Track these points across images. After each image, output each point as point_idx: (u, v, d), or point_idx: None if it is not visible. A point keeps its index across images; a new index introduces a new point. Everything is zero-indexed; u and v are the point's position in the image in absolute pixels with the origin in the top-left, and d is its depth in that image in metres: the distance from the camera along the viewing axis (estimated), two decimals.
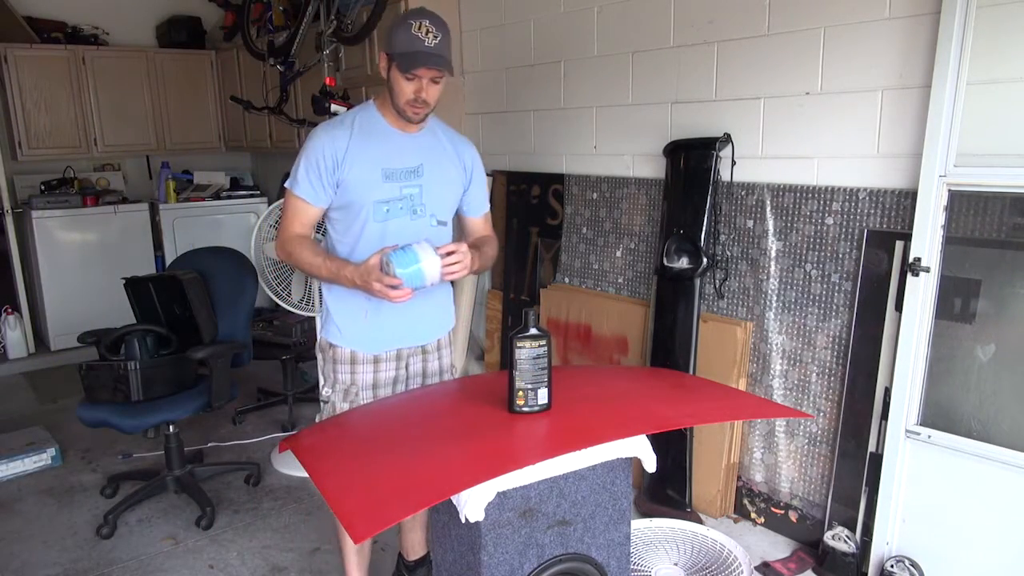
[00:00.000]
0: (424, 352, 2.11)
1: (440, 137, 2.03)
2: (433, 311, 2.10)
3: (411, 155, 1.94)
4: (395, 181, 1.92)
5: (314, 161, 1.89)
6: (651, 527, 2.48)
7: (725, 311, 2.80)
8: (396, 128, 1.95)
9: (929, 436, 2.21)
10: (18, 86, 4.83)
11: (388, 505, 1.29)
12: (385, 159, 1.91)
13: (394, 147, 1.93)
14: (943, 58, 2.06)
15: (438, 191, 1.99)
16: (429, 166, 1.96)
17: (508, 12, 3.55)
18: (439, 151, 2.00)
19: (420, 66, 1.79)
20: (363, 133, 1.92)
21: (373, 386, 2.04)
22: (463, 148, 2.07)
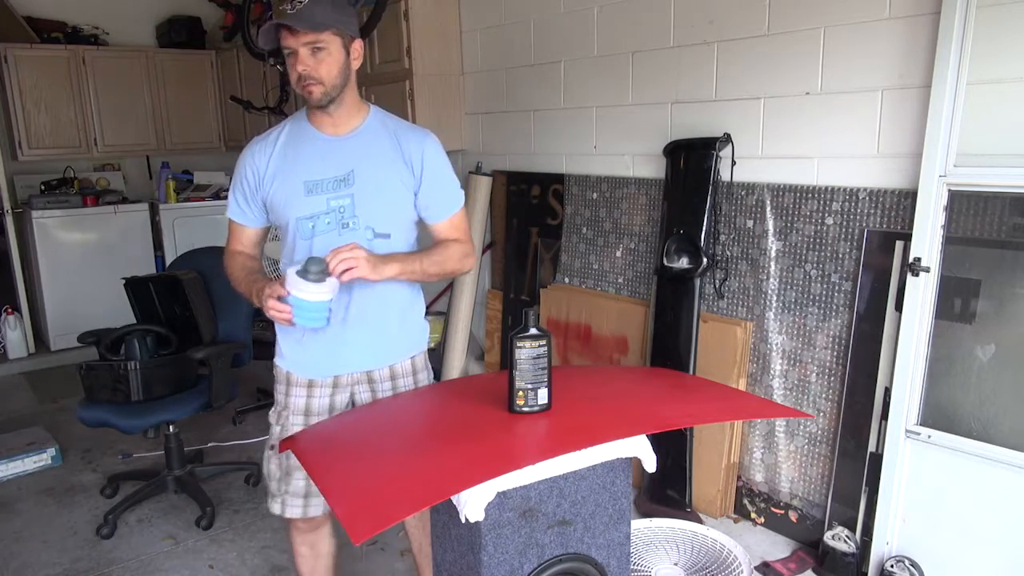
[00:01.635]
0: (371, 380, 1.87)
1: (380, 135, 1.79)
2: (380, 334, 1.84)
3: (340, 162, 1.74)
4: (320, 193, 1.73)
5: (239, 180, 1.80)
6: (651, 527, 2.48)
7: (725, 311, 2.80)
8: (325, 133, 1.77)
9: (929, 436, 2.21)
10: (18, 86, 4.83)
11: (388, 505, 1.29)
12: (308, 170, 1.74)
13: (320, 155, 1.75)
14: (943, 58, 2.06)
15: (374, 199, 1.76)
16: (361, 172, 1.74)
17: (508, 12, 3.55)
18: (375, 152, 1.77)
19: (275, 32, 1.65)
20: (289, 144, 1.77)
21: (305, 412, 1.86)
22: (411, 143, 1.79)
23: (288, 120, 1.83)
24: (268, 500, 1.91)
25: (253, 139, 1.83)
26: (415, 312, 1.93)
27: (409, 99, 3.73)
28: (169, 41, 5.52)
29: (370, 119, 1.80)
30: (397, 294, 1.84)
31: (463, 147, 3.98)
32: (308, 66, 1.66)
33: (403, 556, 2.63)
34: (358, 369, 1.86)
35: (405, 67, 3.71)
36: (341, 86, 1.71)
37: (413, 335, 1.93)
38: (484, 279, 4.02)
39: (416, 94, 3.71)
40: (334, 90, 1.70)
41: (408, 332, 1.91)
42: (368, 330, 1.82)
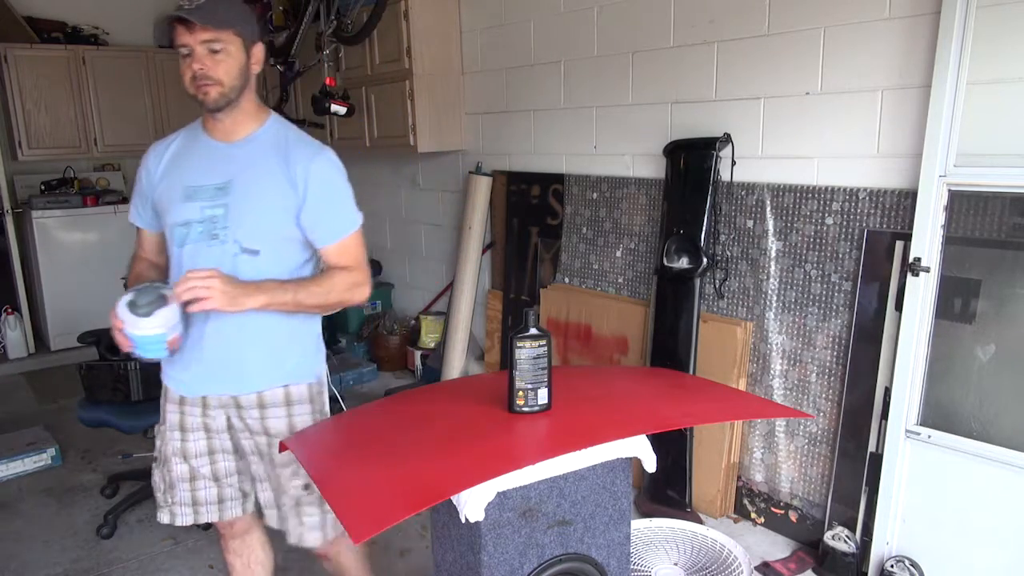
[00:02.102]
0: (238, 406, 1.73)
1: (269, 148, 1.67)
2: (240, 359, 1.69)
3: (221, 170, 1.65)
4: (196, 200, 1.64)
5: (137, 182, 1.76)
6: (651, 527, 2.48)
7: (725, 311, 2.80)
8: (215, 139, 1.68)
9: (929, 436, 2.21)
10: (18, 86, 4.83)
11: (388, 505, 1.29)
12: (190, 175, 1.66)
13: (205, 161, 1.67)
14: (943, 58, 2.06)
15: (246, 213, 1.63)
16: (240, 182, 1.63)
17: (508, 12, 3.55)
18: (259, 164, 1.65)
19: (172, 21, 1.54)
20: (181, 148, 1.72)
21: (180, 428, 1.76)
22: (299, 159, 1.65)
23: (188, 125, 1.77)
24: (157, 511, 1.86)
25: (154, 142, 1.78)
26: (294, 339, 1.75)
27: (409, 99, 3.73)
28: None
29: (264, 129, 1.69)
30: (263, 319, 1.66)
31: (463, 147, 3.98)
32: (205, 65, 1.56)
33: (403, 556, 2.63)
34: (222, 392, 1.73)
35: (405, 67, 3.71)
36: (239, 89, 1.62)
37: (288, 363, 1.74)
38: (484, 279, 4.02)
39: (416, 94, 3.71)
40: (232, 92, 1.60)
41: (280, 359, 1.73)
42: (227, 353, 1.69)
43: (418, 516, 2.74)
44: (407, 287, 4.79)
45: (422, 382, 4.28)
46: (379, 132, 4.02)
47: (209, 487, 1.81)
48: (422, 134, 3.78)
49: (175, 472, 1.79)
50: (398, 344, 4.55)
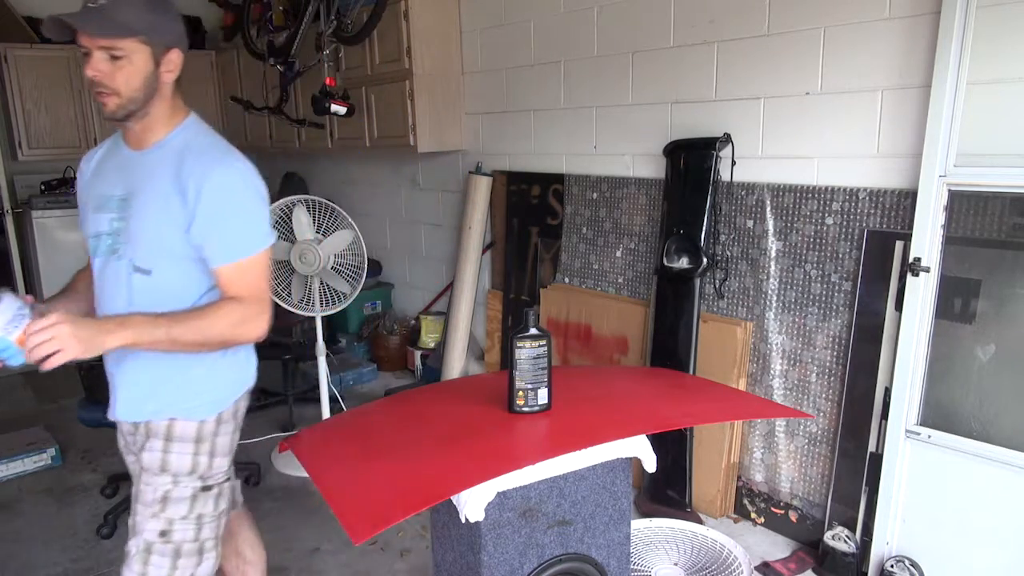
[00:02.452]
0: (136, 432, 1.61)
1: (169, 157, 1.51)
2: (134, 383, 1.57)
3: (125, 180, 1.54)
4: (106, 212, 1.55)
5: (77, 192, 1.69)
6: (651, 527, 2.48)
7: (725, 311, 2.79)
8: (128, 146, 1.58)
9: (929, 436, 2.21)
10: (18, 86, 4.83)
11: (388, 505, 1.29)
12: (104, 185, 1.58)
13: (116, 170, 1.58)
14: (943, 58, 2.06)
15: (140, 229, 1.50)
16: (138, 196, 1.50)
17: (508, 12, 3.55)
18: (157, 176, 1.50)
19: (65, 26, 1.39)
20: (105, 155, 1.65)
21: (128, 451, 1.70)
22: (193, 169, 1.47)
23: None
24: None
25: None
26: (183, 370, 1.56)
27: (409, 99, 3.73)
28: None
29: (171, 136, 1.54)
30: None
31: (463, 147, 3.98)
32: (101, 72, 1.42)
33: (403, 556, 2.63)
34: (126, 418, 1.62)
35: (405, 67, 3.71)
36: (143, 100, 1.47)
37: (176, 395, 1.57)
38: (484, 279, 4.02)
39: (416, 94, 3.71)
40: (132, 103, 1.46)
41: (171, 389, 1.56)
42: (124, 377, 1.58)
43: (418, 516, 2.75)
44: (407, 287, 4.79)
45: (422, 382, 4.28)
46: (379, 132, 4.02)
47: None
48: (422, 134, 3.78)
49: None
50: (398, 344, 4.55)
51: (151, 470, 1.56)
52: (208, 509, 1.61)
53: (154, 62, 1.48)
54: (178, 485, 1.57)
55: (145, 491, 1.57)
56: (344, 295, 3.26)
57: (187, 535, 1.59)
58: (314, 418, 3.64)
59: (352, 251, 3.21)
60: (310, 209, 3.17)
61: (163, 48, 1.49)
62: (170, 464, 1.56)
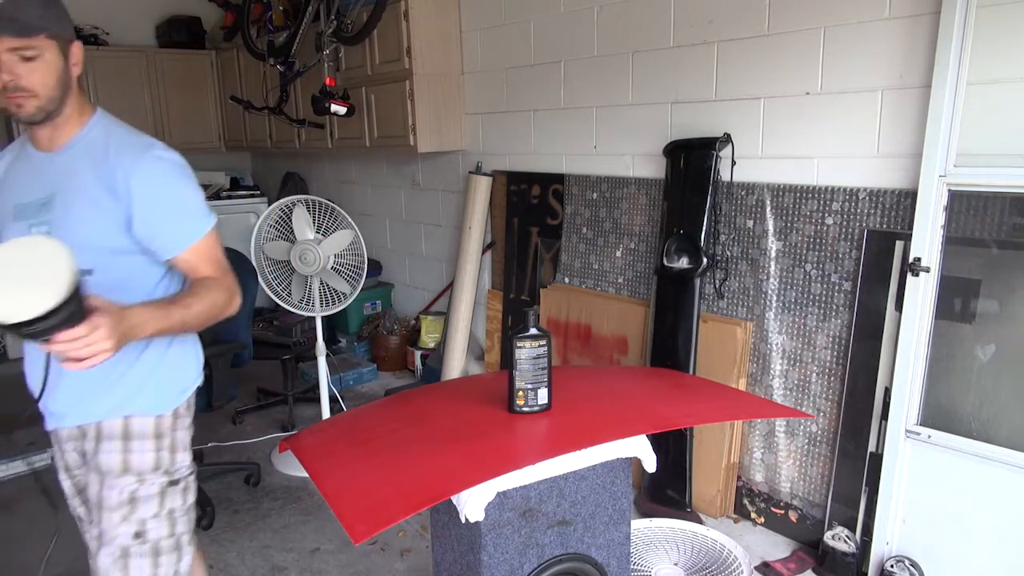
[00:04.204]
0: (84, 437, 1.55)
1: (89, 153, 1.49)
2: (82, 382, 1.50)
3: (43, 183, 1.48)
4: (24, 219, 1.48)
5: None
6: (651, 527, 2.48)
7: (725, 311, 2.80)
8: (38, 149, 1.52)
9: (929, 436, 2.21)
10: None
11: (388, 505, 1.29)
12: (17, 191, 1.50)
13: (30, 175, 1.51)
14: (943, 58, 2.06)
15: (70, 229, 1.43)
16: (61, 197, 1.46)
17: (508, 12, 3.55)
18: (78, 174, 1.46)
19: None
20: (12, 163, 1.56)
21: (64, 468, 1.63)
22: (118, 164, 1.45)
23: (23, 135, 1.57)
24: None
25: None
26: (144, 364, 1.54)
27: (409, 99, 3.73)
28: (169, 41, 5.51)
29: (83, 133, 1.51)
30: None
31: (463, 147, 3.98)
32: (16, 75, 1.38)
33: (403, 556, 2.63)
34: (70, 423, 1.56)
35: (405, 67, 3.71)
36: (60, 98, 1.45)
37: (130, 390, 1.53)
38: (484, 279, 4.02)
39: (416, 94, 3.71)
40: (51, 103, 1.43)
41: (123, 385, 1.52)
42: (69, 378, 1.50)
43: (418, 516, 2.75)
44: (407, 287, 4.79)
45: (422, 382, 4.28)
46: (379, 132, 4.02)
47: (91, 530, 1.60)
48: (422, 134, 3.78)
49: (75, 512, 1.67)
50: (398, 344, 4.55)
51: (111, 472, 1.51)
52: (178, 503, 1.58)
53: (63, 57, 1.45)
54: (144, 483, 1.53)
55: (109, 496, 1.51)
56: (344, 295, 3.26)
57: (162, 532, 1.55)
58: (314, 418, 3.64)
59: (352, 251, 3.22)
60: (310, 209, 3.17)
61: (67, 42, 1.47)
62: (132, 464, 1.52)
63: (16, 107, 1.41)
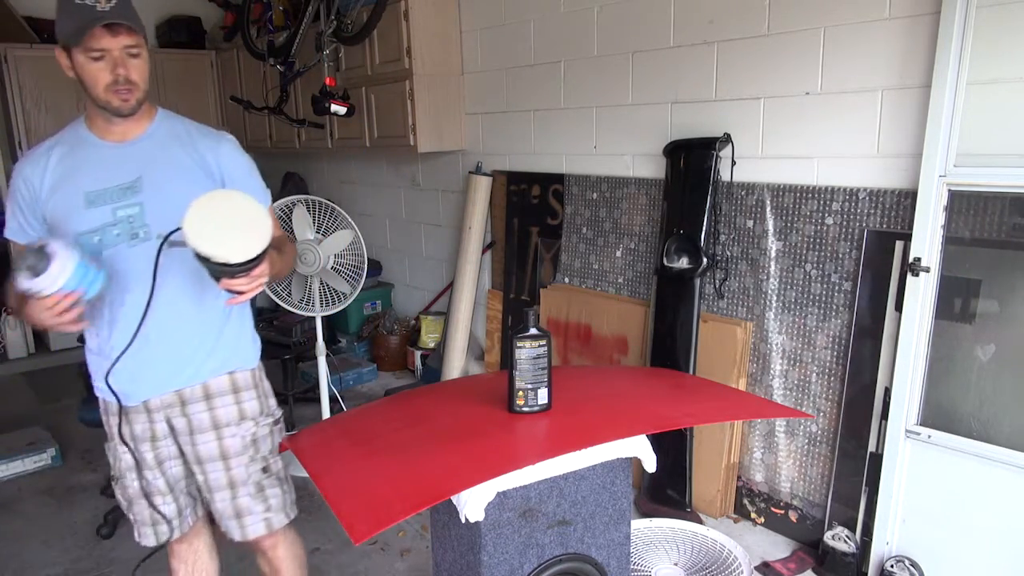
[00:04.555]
0: (183, 402, 1.70)
1: (170, 140, 1.67)
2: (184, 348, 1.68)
3: (125, 169, 1.61)
4: (104, 204, 1.59)
5: (16, 197, 1.63)
6: (651, 527, 2.48)
7: (725, 311, 2.80)
8: (107, 140, 1.63)
9: (929, 436, 2.21)
10: (18, 86, 4.83)
11: (388, 505, 1.29)
12: (90, 181, 1.60)
13: (103, 164, 1.61)
14: (943, 58, 2.06)
15: (166, 206, 1.57)
16: (151, 178, 1.61)
17: (508, 12, 3.55)
18: (165, 157, 1.64)
19: (94, 26, 1.47)
20: (67, 155, 1.62)
21: (132, 439, 1.71)
22: (205, 146, 1.68)
23: (64, 130, 1.67)
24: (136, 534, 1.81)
25: (25, 153, 1.67)
26: (232, 325, 1.75)
27: (409, 99, 3.73)
28: (169, 41, 5.51)
29: (156, 123, 1.68)
30: (203, 309, 1.68)
31: (463, 147, 3.98)
32: (131, 71, 1.54)
33: (403, 556, 2.63)
34: (165, 390, 1.69)
35: (405, 67, 3.71)
36: (147, 92, 1.61)
37: (232, 348, 1.75)
38: (484, 279, 4.02)
39: (416, 94, 3.71)
40: (145, 96, 1.60)
41: (227, 344, 1.74)
42: (170, 348, 1.66)
43: (418, 516, 2.75)
44: (407, 287, 4.79)
45: (422, 382, 4.28)
46: (379, 132, 4.02)
47: (166, 502, 1.75)
48: (422, 134, 3.78)
49: (132, 489, 1.74)
50: (398, 344, 4.55)
51: (231, 423, 1.73)
52: (278, 439, 1.85)
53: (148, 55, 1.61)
54: (260, 425, 1.78)
55: (232, 444, 1.73)
56: (344, 295, 3.26)
57: (279, 464, 1.83)
58: (314, 418, 3.64)
59: (352, 251, 3.21)
60: (310, 209, 3.17)
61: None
62: (246, 412, 1.76)
63: (122, 100, 1.55)
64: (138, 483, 1.74)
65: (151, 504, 1.74)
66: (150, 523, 1.77)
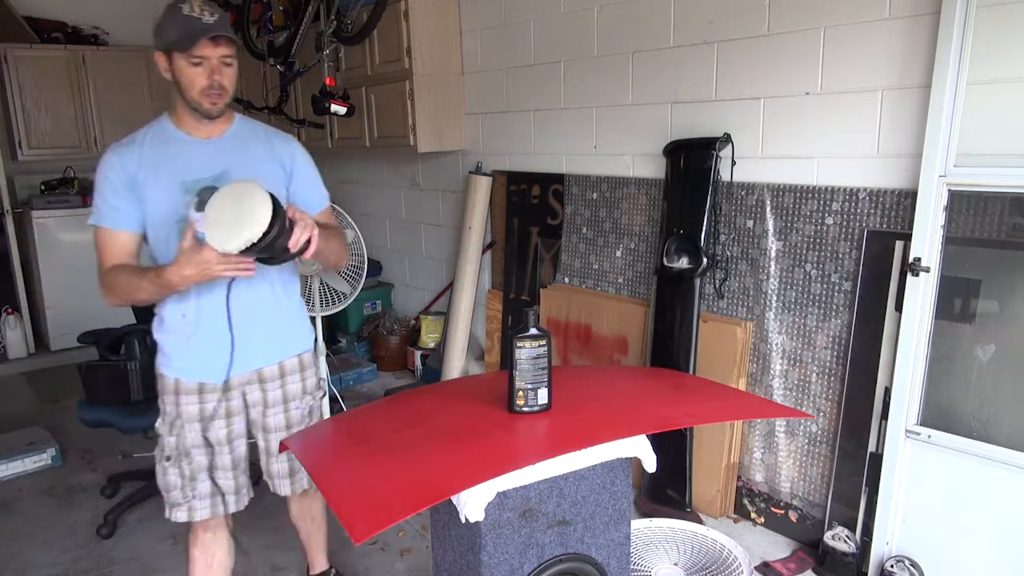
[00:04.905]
0: (261, 380, 1.92)
1: (249, 138, 1.89)
2: (269, 330, 1.90)
3: (212, 162, 1.80)
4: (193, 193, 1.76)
5: (108, 184, 1.75)
6: (651, 527, 2.48)
7: (725, 311, 2.80)
8: (195, 137, 1.82)
9: (929, 436, 2.21)
10: (18, 86, 4.83)
11: (388, 505, 1.29)
12: (183, 172, 1.77)
13: (194, 157, 1.79)
14: (943, 58, 2.06)
15: None
16: (236, 171, 1.80)
17: (508, 12, 3.55)
18: (246, 153, 1.85)
19: (201, 37, 1.67)
20: (156, 148, 1.78)
21: (200, 418, 1.86)
22: (279, 145, 1.92)
23: (147, 127, 1.83)
24: (168, 511, 1.90)
25: (112, 146, 1.79)
26: (298, 310, 2.02)
27: (409, 99, 3.73)
28: None
29: (237, 124, 1.89)
30: (276, 290, 1.91)
31: (463, 147, 3.98)
32: (224, 78, 1.74)
33: (403, 556, 2.63)
34: (249, 368, 1.90)
35: (405, 67, 3.71)
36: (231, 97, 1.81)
37: (298, 331, 2.01)
38: (484, 279, 4.02)
39: (416, 94, 3.71)
40: (230, 100, 1.80)
41: (295, 328, 1.99)
42: (253, 330, 1.86)
43: (418, 516, 2.75)
44: (407, 287, 4.79)
45: (422, 382, 4.28)
46: (379, 132, 4.02)
47: (227, 477, 1.92)
48: (422, 134, 3.78)
49: (196, 463, 1.88)
50: (398, 344, 4.55)
51: (296, 398, 1.99)
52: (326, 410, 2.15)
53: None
54: (316, 399, 2.06)
55: (295, 415, 1.99)
56: (344, 295, 3.26)
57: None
58: None
59: (352, 251, 3.22)
60: None
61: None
62: (308, 386, 2.01)
63: (211, 104, 1.75)
64: (204, 459, 1.88)
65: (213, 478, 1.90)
66: (208, 496, 1.90)
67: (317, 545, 2.32)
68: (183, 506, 1.88)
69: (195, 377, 1.84)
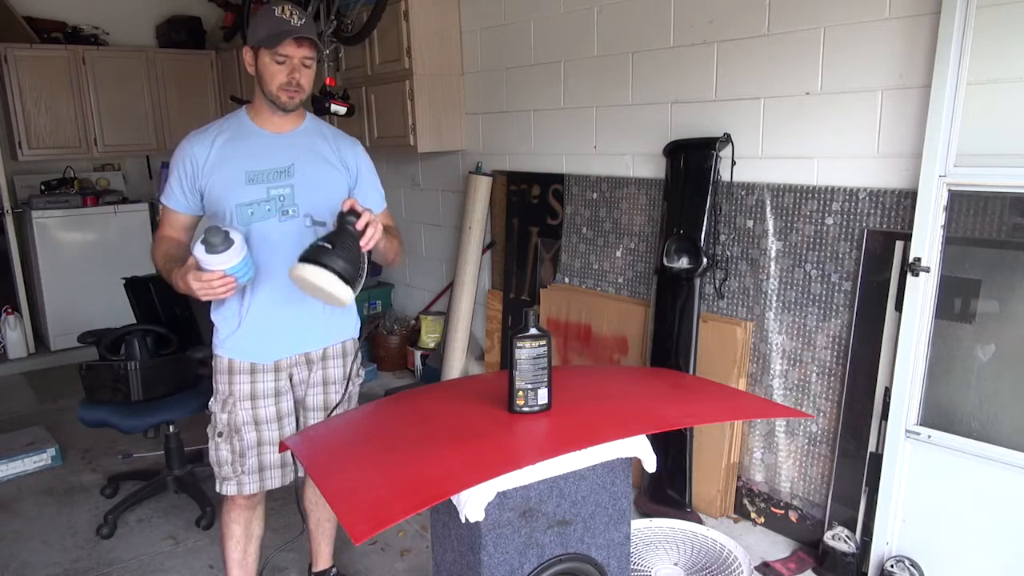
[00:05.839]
0: (309, 362, 2.04)
1: (317, 137, 1.99)
2: (318, 318, 2.00)
3: (281, 155, 1.91)
4: (261, 183, 1.88)
5: (178, 170, 1.90)
6: (651, 527, 2.48)
7: (725, 311, 2.80)
8: (267, 130, 1.93)
9: (929, 436, 2.21)
10: (18, 86, 4.83)
11: (388, 505, 1.29)
12: (250, 162, 1.89)
13: (261, 149, 1.91)
14: (943, 58, 2.06)
15: (313, 190, 1.93)
16: (302, 165, 1.92)
17: (508, 12, 3.55)
18: (314, 150, 1.96)
19: (287, 37, 1.79)
20: (229, 138, 1.90)
21: (251, 397, 1.97)
22: (345, 147, 2.02)
23: (226, 117, 1.97)
24: (219, 484, 2.02)
25: (191, 133, 1.93)
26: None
27: (409, 99, 3.73)
28: (169, 41, 5.51)
29: (307, 123, 2.00)
30: None
31: (463, 147, 3.98)
32: (302, 75, 1.85)
33: (403, 556, 2.63)
34: (298, 351, 2.01)
35: (405, 67, 3.71)
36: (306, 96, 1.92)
37: (345, 319, 2.09)
38: (484, 279, 4.02)
39: (416, 94, 3.71)
40: (305, 98, 1.92)
41: (342, 315, 2.07)
42: (306, 311, 1.96)
43: (418, 516, 2.75)
44: (407, 287, 4.79)
45: (422, 382, 4.28)
46: (379, 132, 4.02)
47: (274, 452, 2.01)
48: (422, 134, 3.78)
49: (247, 440, 1.97)
50: (398, 344, 4.55)
51: (336, 381, 2.10)
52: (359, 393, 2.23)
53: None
54: (355, 384, 2.15)
55: (334, 398, 2.09)
56: None
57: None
58: None
59: None
60: None
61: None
62: (349, 372, 2.10)
63: (288, 98, 1.86)
64: (254, 435, 1.98)
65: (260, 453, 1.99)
66: (257, 471, 2.00)
67: (325, 535, 2.35)
68: (232, 480, 2.00)
69: (247, 358, 1.95)
